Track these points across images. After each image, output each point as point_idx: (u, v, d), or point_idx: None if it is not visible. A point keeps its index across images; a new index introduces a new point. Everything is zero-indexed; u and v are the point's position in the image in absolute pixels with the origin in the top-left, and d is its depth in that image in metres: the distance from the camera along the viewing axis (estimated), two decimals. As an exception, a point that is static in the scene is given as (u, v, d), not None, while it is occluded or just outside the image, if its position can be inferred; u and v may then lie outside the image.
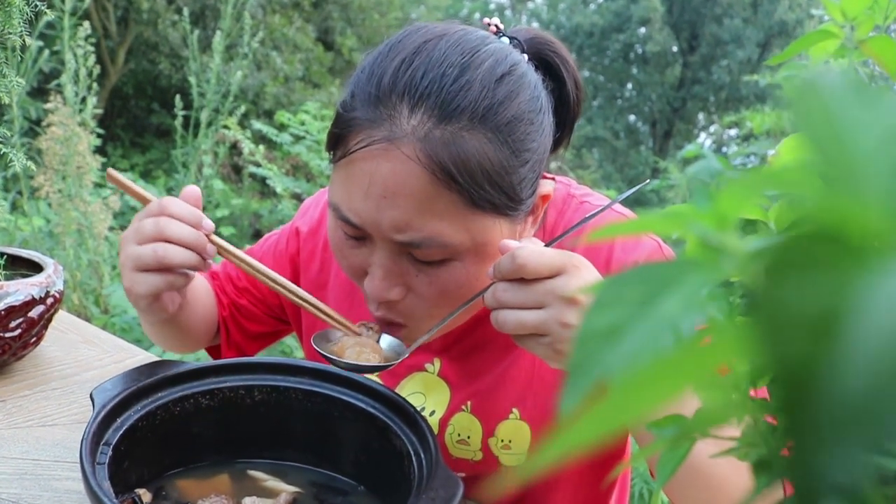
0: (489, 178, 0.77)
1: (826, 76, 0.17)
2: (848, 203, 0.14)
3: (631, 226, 0.21)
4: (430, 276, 0.81)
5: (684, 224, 0.20)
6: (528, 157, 0.80)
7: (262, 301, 1.14)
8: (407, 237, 0.77)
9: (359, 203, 0.78)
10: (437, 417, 0.98)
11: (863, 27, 0.46)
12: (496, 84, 0.77)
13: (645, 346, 0.17)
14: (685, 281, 0.18)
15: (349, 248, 0.84)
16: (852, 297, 0.14)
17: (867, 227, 0.14)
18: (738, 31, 16.32)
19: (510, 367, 0.96)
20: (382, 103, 0.77)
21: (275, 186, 3.65)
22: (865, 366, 0.13)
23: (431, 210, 0.76)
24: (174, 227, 0.83)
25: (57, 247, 3.04)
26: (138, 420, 0.79)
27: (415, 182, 0.75)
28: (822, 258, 0.14)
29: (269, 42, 7.36)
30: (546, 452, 0.16)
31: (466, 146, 0.75)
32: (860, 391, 0.13)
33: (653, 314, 0.18)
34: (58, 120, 2.90)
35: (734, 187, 0.19)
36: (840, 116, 0.16)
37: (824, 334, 0.13)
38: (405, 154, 0.75)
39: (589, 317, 0.18)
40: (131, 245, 0.84)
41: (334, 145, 0.82)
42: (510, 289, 0.72)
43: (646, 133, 19.07)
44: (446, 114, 0.75)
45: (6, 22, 0.99)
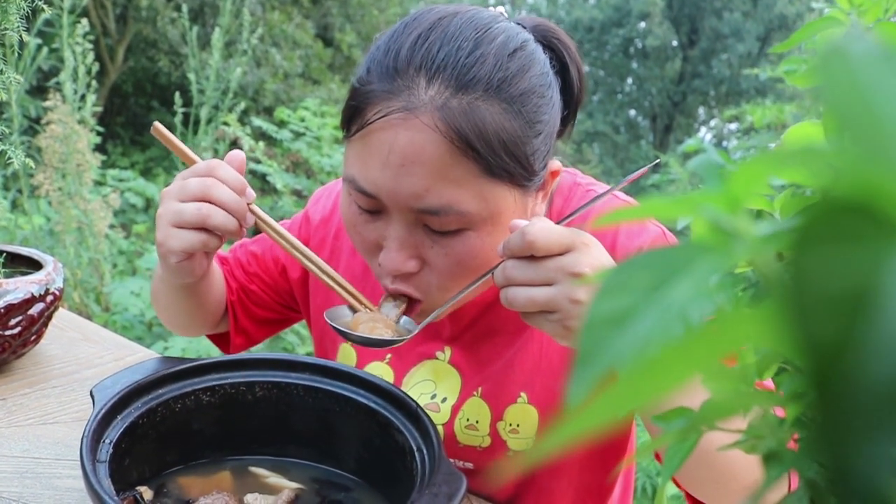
0: (505, 147, 0.78)
1: (855, 41, 0.16)
2: (878, 173, 0.13)
3: (638, 211, 0.21)
4: (445, 248, 0.82)
5: (694, 208, 0.19)
6: (540, 129, 0.82)
7: (272, 287, 1.14)
8: (424, 205, 0.78)
9: (377, 173, 0.79)
10: (450, 404, 0.98)
11: (869, 14, 0.45)
12: (509, 58, 0.79)
13: (653, 333, 0.17)
14: (695, 266, 0.18)
15: (363, 223, 0.85)
16: (884, 273, 0.13)
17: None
18: (738, 24, 16.30)
19: (519, 351, 0.96)
20: (400, 76, 0.78)
21: (275, 183, 3.64)
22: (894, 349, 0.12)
23: (449, 178, 0.77)
24: (220, 189, 0.84)
25: (57, 245, 3.04)
26: (139, 417, 0.79)
27: (433, 150, 0.76)
28: (854, 232, 0.13)
29: (269, 38, 7.35)
30: (553, 438, 0.15)
31: (483, 115, 0.77)
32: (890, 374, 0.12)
33: (662, 300, 0.17)
34: (57, 118, 2.90)
35: (747, 168, 0.18)
36: (869, 82, 0.15)
37: (855, 313, 0.13)
38: (424, 123, 0.76)
39: (596, 303, 0.18)
40: (173, 201, 0.84)
41: (350, 119, 0.83)
42: (520, 266, 0.73)
43: (646, 127, 19.06)
44: (462, 84, 0.77)
45: (4, 19, 0.98)
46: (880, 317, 0.13)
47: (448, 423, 0.98)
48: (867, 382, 0.12)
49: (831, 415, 0.13)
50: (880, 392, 0.12)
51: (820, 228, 0.13)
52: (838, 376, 0.13)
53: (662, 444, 0.32)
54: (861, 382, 0.13)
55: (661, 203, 0.20)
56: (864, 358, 0.13)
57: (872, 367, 0.12)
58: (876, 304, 0.13)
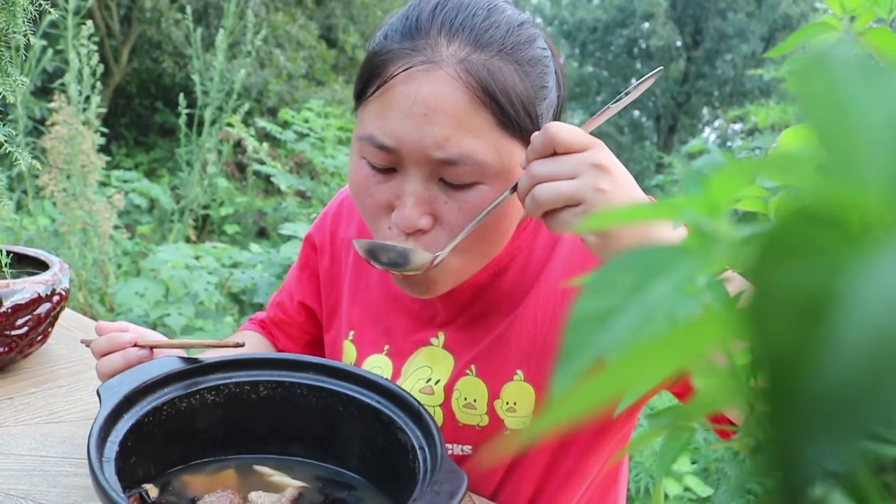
0: (520, 102, 0.84)
1: (835, 53, 0.16)
2: (847, 186, 0.14)
3: (626, 214, 0.21)
4: (459, 202, 0.85)
5: (676, 212, 0.20)
6: (545, 94, 0.87)
7: (297, 326, 1.22)
8: (444, 153, 0.81)
9: (398, 123, 0.82)
10: (442, 385, 1.00)
11: (862, 19, 0.46)
12: (518, 28, 0.86)
13: (635, 330, 0.18)
14: (677, 267, 0.19)
15: (376, 184, 0.87)
16: (845, 282, 0.13)
17: (866, 212, 0.14)
18: (742, 25, 16.27)
19: (510, 328, 0.98)
20: (421, 35, 0.83)
21: (279, 184, 3.65)
22: (853, 353, 0.13)
23: (468, 128, 0.81)
24: (95, 346, 0.96)
25: (62, 246, 3.05)
26: (145, 416, 0.80)
27: (455, 100, 0.81)
28: (817, 242, 0.14)
29: (273, 40, 7.36)
30: (538, 424, 0.16)
31: (501, 71, 0.82)
32: (847, 379, 0.13)
33: (644, 299, 0.18)
34: (62, 119, 2.91)
35: (725, 175, 0.19)
36: (843, 94, 0.15)
37: (814, 320, 0.13)
38: (447, 74, 0.81)
39: (581, 302, 0.19)
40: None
41: (367, 81, 0.86)
42: (543, 163, 0.75)
43: (650, 128, 19.03)
44: (480, 44, 0.83)
45: (10, 21, 0.99)
46: (836, 325, 0.13)
47: (445, 404, 0.99)
48: (819, 387, 0.13)
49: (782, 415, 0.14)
50: (836, 392, 0.13)
51: (784, 237, 0.14)
52: (792, 379, 0.13)
53: (654, 438, 0.33)
54: (813, 387, 0.13)
55: (647, 207, 0.21)
56: (817, 364, 0.13)
57: (825, 373, 0.13)
58: (833, 313, 0.13)
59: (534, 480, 1.01)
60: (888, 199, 0.15)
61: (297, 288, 1.20)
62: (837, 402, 0.13)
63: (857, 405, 0.13)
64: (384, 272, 1.02)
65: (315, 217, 3.51)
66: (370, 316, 1.08)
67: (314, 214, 3.58)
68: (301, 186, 3.91)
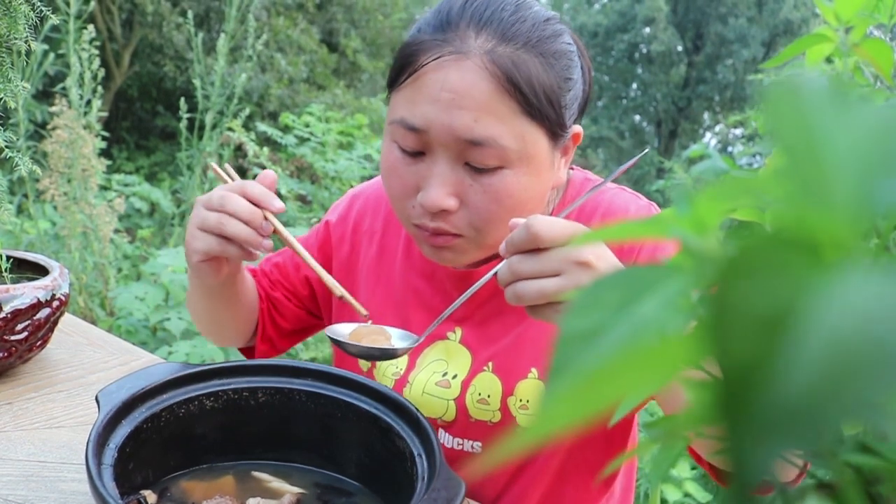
0: (543, 92, 0.88)
1: (805, 81, 0.17)
2: (813, 208, 0.15)
3: (617, 231, 0.22)
4: (484, 185, 0.89)
5: (665, 229, 0.20)
6: (570, 86, 0.92)
7: (294, 293, 1.19)
8: (471, 134, 0.86)
9: (428, 107, 0.87)
10: (460, 380, 1.02)
11: (857, 30, 0.46)
12: (544, 23, 0.91)
13: (622, 347, 0.18)
14: (663, 285, 0.19)
15: (405, 166, 0.92)
16: (805, 299, 0.14)
17: (831, 231, 0.15)
18: (743, 30, 16.29)
19: (528, 327, 1.00)
20: (451, 29, 0.89)
21: (279, 188, 3.66)
22: (810, 366, 0.13)
23: (494, 113, 0.86)
24: (237, 202, 0.91)
25: (62, 249, 3.05)
26: (143, 422, 0.80)
27: (482, 87, 0.85)
28: (782, 261, 0.14)
29: (274, 44, 7.37)
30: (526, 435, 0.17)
31: (525, 63, 0.87)
32: (798, 392, 0.13)
33: (630, 317, 0.18)
34: (63, 123, 2.91)
35: (711, 193, 0.19)
36: (814, 121, 0.16)
37: (772, 334, 0.14)
38: (474, 63, 0.86)
39: (568, 320, 0.19)
40: (201, 207, 0.92)
41: (400, 70, 0.91)
42: (526, 259, 0.75)
43: (651, 133, 19.05)
44: (506, 37, 0.87)
45: (11, 27, 1.00)
46: (793, 340, 0.14)
47: (459, 398, 1.01)
48: (775, 396, 0.14)
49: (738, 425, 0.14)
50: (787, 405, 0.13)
51: (749, 255, 0.15)
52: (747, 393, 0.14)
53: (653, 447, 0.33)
54: (767, 398, 0.14)
55: (637, 224, 0.21)
56: (772, 376, 0.14)
57: (782, 383, 0.14)
58: (793, 328, 0.14)
59: (541, 484, 1.01)
60: (853, 223, 0.15)
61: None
62: (791, 410, 0.14)
63: (812, 414, 0.14)
64: (407, 266, 1.08)
65: (315, 221, 3.52)
66: (389, 306, 1.10)
67: (314, 219, 3.58)
68: (301, 191, 3.91)
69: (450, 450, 1.02)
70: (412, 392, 1.03)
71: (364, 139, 4.66)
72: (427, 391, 1.02)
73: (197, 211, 0.93)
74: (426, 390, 1.02)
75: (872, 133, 0.16)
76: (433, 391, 1.02)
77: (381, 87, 8.58)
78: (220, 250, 0.92)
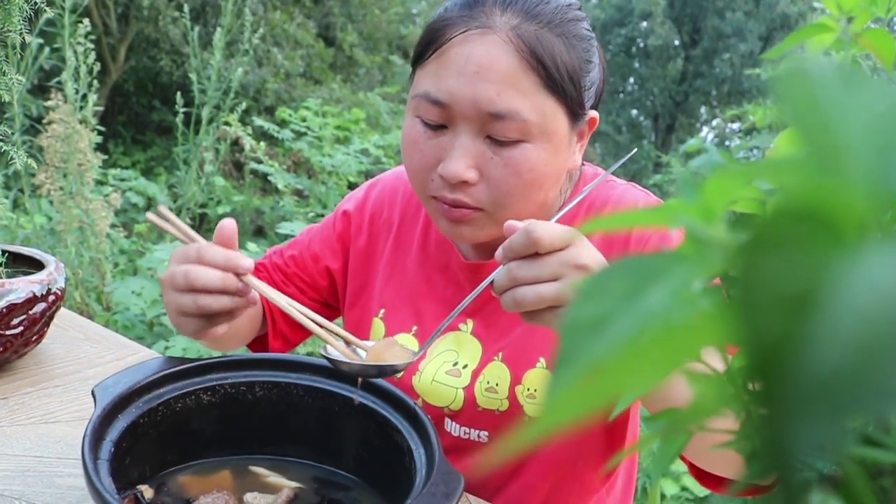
0: (566, 69, 0.90)
1: (815, 64, 0.17)
2: (831, 184, 0.14)
3: (623, 219, 0.21)
4: (504, 158, 0.90)
5: (671, 218, 0.20)
6: (590, 69, 0.95)
7: (311, 286, 1.18)
8: (494, 107, 0.88)
9: (452, 80, 0.89)
10: (470, 370, 1.02)
11: (859, 20, 0.46)
12: (566, 7, 0.94)
13: (630, 336, 0.17)
14: (672, 273, 0.19)
15: (426, 139, 0.93)
16: (830, 276, 0.14)
17: (850, 209, 0.14)
18: (740, 24, 16.28)
19: None
20: (478, 5, 0.91)
21: (276, 183, 3.65)
22: (837, 344, 0.13)
23: (517, 87, 0.88)
24: (203, 276, 0.82)
25: (59, 244, 3.04)
26: (140, 417, 0.80)
27: (506, 61, 0.88)
28: (803, 238, 0.14)
29: (270, 38, 7.36)
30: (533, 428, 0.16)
31: (549, 40, 0.90)
32: (830, 368, 0.13)
33: (637, 306, 0.18)
34: (59, 117, 2.90)
35: (720, 180, 0.19)
36: (827, 103, 0.16)
37: (799, 312, 0.14)
38: (499, 38, 0.88)
39: (574, 309, 0.18)
40: (170, 292, 0.85)
41: (426, 46, 0.93)
42: (524, 265, 0.75)
43: (648, 127, 19.04)
44: (531, 16, 0.90)
45: (6, 20, 0.99)
46: (822, 316, 0.14)
47: (468, 388, 1.01)
48: (806, 374, 0.14)
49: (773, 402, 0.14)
50: (820, 380, 0.13)
51: (771, 233, 0.14)
52: (780, 369, 0.14)
53: (654, 442, 0.32)
54: (800, 374, 0.14)
55: (640, 213, 0.21)
56: (804, 353, 0.14)
57: (812, 361, 0.13)
58: (818, 305, 0.14)
59: (543, 479, 1.01)
60: (871, 198, 0.15)
61: (326, 254, 1.17)
62: (826, 386, 0.14)
63: (845, 390, 0.14)
64: (422, 258, 1.09)
65: (312, 215, 3.51)
66: (403, 297, 1.10)
67: (312, 213, 3.57)
68: (298, 185, 3.90)
69: (456, 438, 1.02)
70: (421, 380, 1.03)
71: (361, 134, 4.65)
72: (437, 379, 1.02)
73: (169, 296, 0.85)
74: (436, 378, 1.02)
75: (885, 111, 0.15)
76: (443, 379, 1.02)
77: (378, 82, 8.56)
78: (211, 326, 0.85)
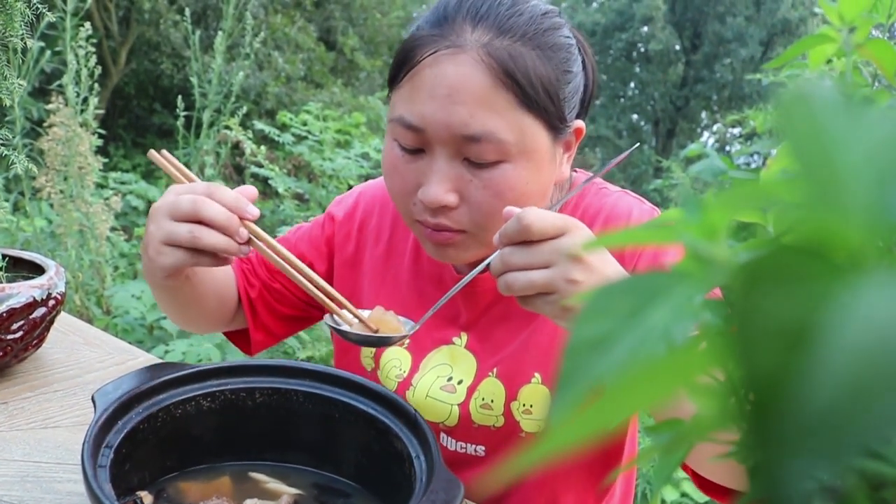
0: (541, 84, 0.88)
1: (817, 87, 0.17)
2: (830, 217, 0.14)
3: (622, 236, 0.21)
4: (484, 180, 0.88)
5: (674, 236, 0.20)
6: (569, 79, 0.92)
7: (292, 285, 1.14)
8: (468, 130, 0.85)
9: (424, 104, 0.87)
10: (465, 385, 1.01)
11: (861, 30, 0.46)
12: (542, 17, 0.90)
13: (633, 355, 0.17)
14: (674, 292, 0.18)
15: (405, 163, 0.91)
16: (828, 311, 0.14)
17: (848, 243, 0.14)
18: (741, 29, 16.30)
19: (533, 333, 1.00)
20: (448, 23, 0.88)
21: (277, 187, 3.64)
22: (833, 379, 0.13)
23: (491, 107, 0.85)
24: (211, 208, 0.82)
25: (59, 248, 3.04)
26: (140, 422, 0.80)
27: (478, 80, 0.85)
28: (801, 272, 0.14)
29: (271, 42, 7.36)
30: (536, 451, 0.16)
31: (522, 55, 0.87)
32: (825, 404, 0.13)
33: (641, 324, 0.18)
34: (59, 120, 2.90)
35: (723, 199, 0.19)
36: (827, 129, 0.16)
37: (796, 347, 0.14)
38: (470, 57, 0.86)
39: (578, 328, 0.18)
40: (165, 219, 0.84)
41: (399, 68, 0.91)
42: (517, 251, 0.75)
43: (648, 132, 19.05)
44: (503, 30, 0.87)
45: (7, 24, 0.99)
46: (817, 351, 0.13)
47: (463, 404, 1.01)
48: (801, 410, 0.13)
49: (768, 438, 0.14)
50: (816, 416, 0.13)
51: (769, 266, 0.14)
52: (777, 401, 0.14)
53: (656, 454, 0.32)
54: (795, 410, 0.13)
55: (643, 229, 0.21)
56: (799, 388, 0.13)
57: (807, 397, 0.13)
58: (816, 341, 0.14)
59: (541, 490, 1.01)
60: (870, 231, 0.15)
61: (314, 255, 1.15)
62: (822, 422, 0.14)
63: (842, 426, 0.14)
64: (416, 270, 1.07)
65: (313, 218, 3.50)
66: (394, 308, 1.07)
67: (312, 217, 3.56)
68: (299, 189, 3.90)
69: (452, 453, 1.02)
70: (415, 395, 1.02)
71: (362, 137, 4.65)
72: (431, 395, 1.01)
73: (160, 222, 0.84)
74: (430, 394, 1.01)
75: (886, 140, 0.15)
76: (437, 395, 1.01)
77: (379, 86, 8.57)
78: (192, 263, 0.85)
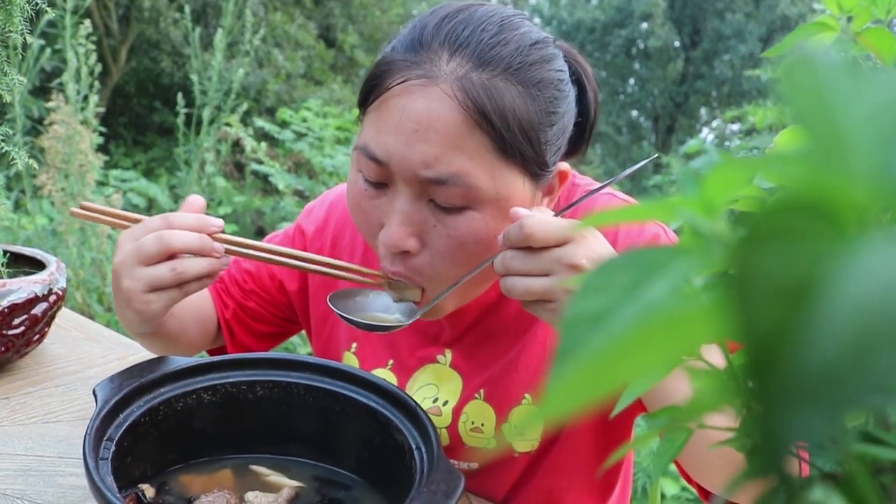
0: (520, 126, 0.79)
1: (819, 54, 0.17)
2: (833, 176, 0.14)
3: (626, 213, 0.21)
4: (448, 227, 0.81)
5: (673, 212, 0.20)
6: (554, 121, 0.82)
7: (271, 302, 1.12)
8: (433, 173, 0.77)
9: (389, 137, 0.79)
10: (451, 407, 0.98)
11: (859, 19, 0.46)
12: (530, 47, 0.81)
13: (628, 328, 0.18)
14: (673, 267, 0.19)
15: (367, 199, 0.84)
16: (828, 268, 0.14)
17: (851, 201, 0.14)
18: (740, 25, 16.28)
19: (521, 353, 0.96)
20: (423, 48, 0.79)
21: (277, 184, 3.65)
22: (834, 336, 0.13)
23: (461, 148, 0.77)
24: (180, 238, 0.81)
25: (60, 245, 3.05)
26: (141, 416, 0.80)
27: (449, 118, 0.76)
28: (802, 229, 0.14)
29: (271, 39, 7.36)
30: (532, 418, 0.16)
31: (501, 92, 0.78)
32: (826, 361, 0.13)
33: (639, 299, 0.18)
34: (60, 118, 2.90)
35: (721, 174, 0.19)
36: (830, 92, 0.16)
37: (796, 304, 0.14)
38: (442, 91, 0.77)
39: (576, 302, 0.19)
40: (135, 269, 0.81)
41: (369, 91, 0.83)
42: (518, 256, 0.74)
43: (648, 128, 19.04)
44: (483, 62, 0.78)
45: (7, 20, 0.99)
46: (818, 308, 0.14)
47: (451, 427, 0.98)
48: (801, 367, 0.14)
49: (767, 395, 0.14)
50: (816, 372, 0.13)
51: (770, 224, 0.14)
52: (775, 361, 0.14)
53: (654, 439, 0.32)
54: (796, 367, 0.14)
55: (645, 207, 0.21)
56: (800, 345, 0.14)
57: (807, 354, 0.13)
58: (816, 297, 0.14)
59: (541, 484, 1.01)
60: (872, 190, 0.15)
61: (284, 273, 1.10)
62: (821, 379, 0.14)
63: (840, 383, 0.14)
64: None
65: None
66: None
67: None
68: (299, 186, 3.91)
69: None
70: None
71: (361, 134, 4.65)
72: None
73: (134, 273, 0.81)
74: None
75: (890, 102, 0.15)
76: None
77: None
78: (182, 297, 0.83)
